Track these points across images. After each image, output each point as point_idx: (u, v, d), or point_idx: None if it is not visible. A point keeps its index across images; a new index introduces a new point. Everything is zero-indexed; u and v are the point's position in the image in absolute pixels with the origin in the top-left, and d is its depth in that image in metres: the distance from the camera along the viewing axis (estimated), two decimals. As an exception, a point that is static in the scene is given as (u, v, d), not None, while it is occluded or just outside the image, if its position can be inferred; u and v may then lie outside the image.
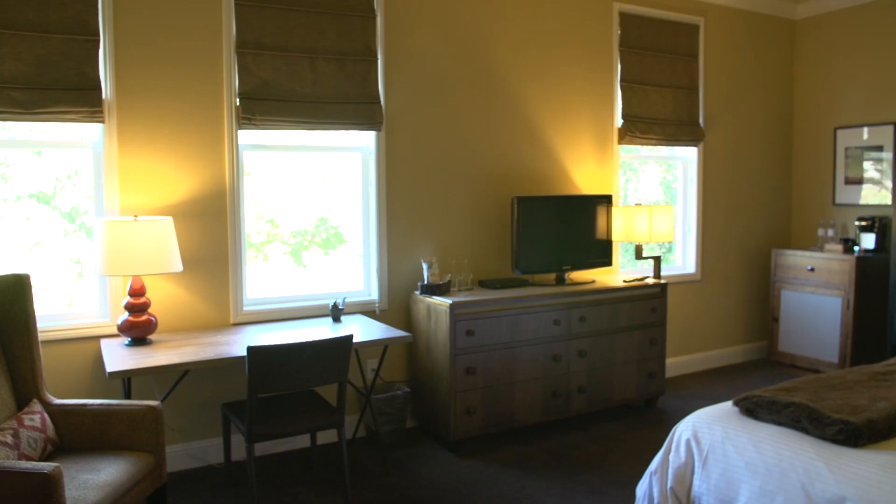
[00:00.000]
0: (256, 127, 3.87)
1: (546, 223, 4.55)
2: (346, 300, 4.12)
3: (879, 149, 5.64)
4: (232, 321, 3.90)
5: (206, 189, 3.79)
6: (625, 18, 5.18)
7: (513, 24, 4.70)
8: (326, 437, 4.01)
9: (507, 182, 4.71)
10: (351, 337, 3.20)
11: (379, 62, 4.20)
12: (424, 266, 4.18)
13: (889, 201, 5.46)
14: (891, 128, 5.52)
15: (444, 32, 4.45)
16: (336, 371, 3.20)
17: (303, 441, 4.04)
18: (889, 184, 5.50)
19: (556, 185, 4.92)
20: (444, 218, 4.51)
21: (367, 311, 4.27)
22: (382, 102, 4.21)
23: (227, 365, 3.18)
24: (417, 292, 4.23)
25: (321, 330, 3.75)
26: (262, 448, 3.90)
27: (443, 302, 3.95)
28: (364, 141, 4.30)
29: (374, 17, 4.15)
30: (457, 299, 3.96)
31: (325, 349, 3.15)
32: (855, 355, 5.29)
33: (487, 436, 4.18)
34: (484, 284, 4.40)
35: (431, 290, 4.11)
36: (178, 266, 3.47)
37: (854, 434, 2.39)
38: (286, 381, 3.13)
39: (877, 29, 5.65)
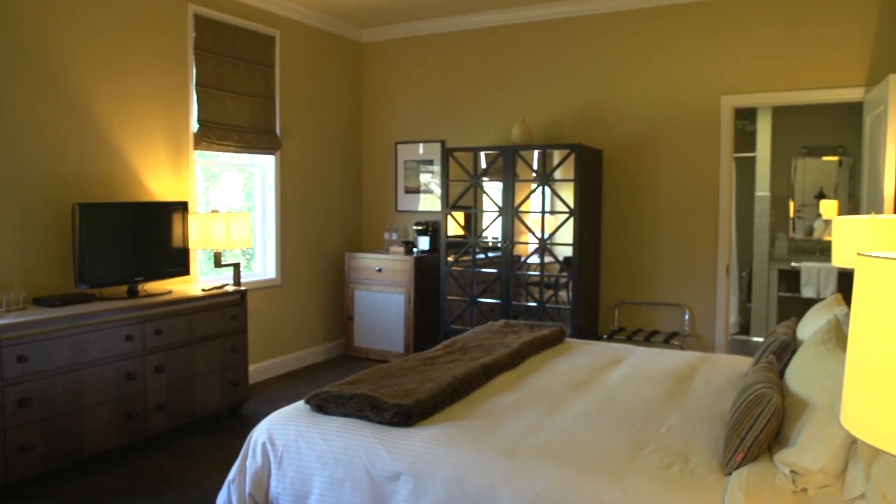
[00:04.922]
0: None
1: (115, 232, 4.22)
2: None
3: (431, 162, 6.49)
4: None
5: None
6: (200, 21, 5.07)
7: (77, 15, 4.23)
8: None
9: (69, 187, 4.24)
10: None
11: None
12: (-41, 285, 3.55)
13: (439, 208, 6.31)
14: (439, 145, 6.41)
15: (-20, 12, 3.82)
16: None
17: None
18: (439, 192, 6.36)
19: (127, 192, 4.59)
20: (-14, 228, 3.87)
21: None
22: None
23: None
24: (-49, 317, 3.56)
25: None
26: None
27: (-15, 326, 3.39)
28: None
29: None
30: (3, 322, 3.43)
31: None
32: (416, 344, 6.00)
33: (52, 473, 3.71)
34: (40, 302, 3.89)
35: (-30, 312, 3.50)
36: None
37: (406, 415, 2.69)
38: None
39: (427, 58, 6.50)
